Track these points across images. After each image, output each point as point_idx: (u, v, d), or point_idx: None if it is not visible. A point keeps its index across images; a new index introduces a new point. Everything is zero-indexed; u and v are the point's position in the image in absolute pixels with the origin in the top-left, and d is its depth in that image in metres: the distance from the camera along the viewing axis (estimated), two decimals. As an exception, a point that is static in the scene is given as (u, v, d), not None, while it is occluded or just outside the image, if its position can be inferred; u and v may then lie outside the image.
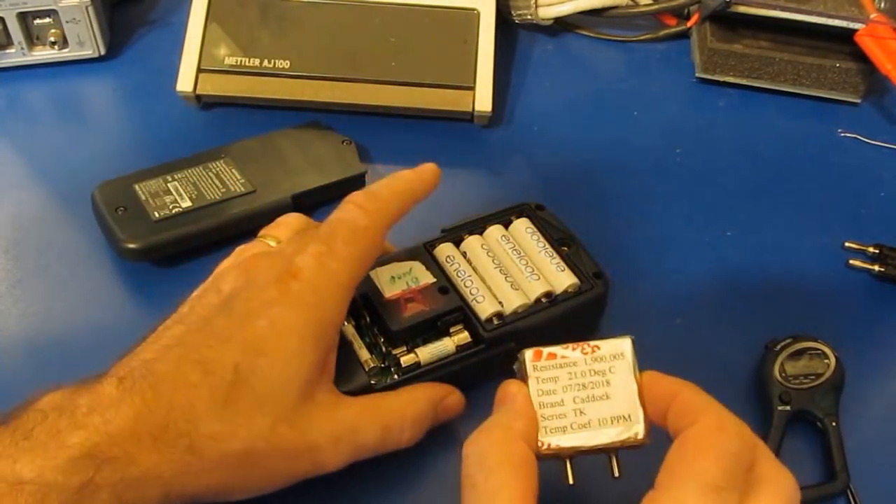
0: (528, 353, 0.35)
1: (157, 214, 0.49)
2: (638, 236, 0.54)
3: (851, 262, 0.53)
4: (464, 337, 0.42)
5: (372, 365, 0.41)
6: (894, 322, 0.51)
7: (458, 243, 0.46)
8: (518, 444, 0.32)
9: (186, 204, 0.50)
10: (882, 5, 0.61)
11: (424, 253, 0.45)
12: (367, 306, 0.43)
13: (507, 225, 0.47)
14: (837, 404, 0.45)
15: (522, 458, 0.32)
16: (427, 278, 0.43)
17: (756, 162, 0.60)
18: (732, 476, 0.30)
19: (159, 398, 0.33)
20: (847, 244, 0.54)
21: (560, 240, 0.46)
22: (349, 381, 0.40)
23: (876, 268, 0.52)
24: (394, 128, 0.59)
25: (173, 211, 0.50)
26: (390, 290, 0.42)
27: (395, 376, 0.41)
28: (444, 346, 0.42)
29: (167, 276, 0.50)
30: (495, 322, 0.42)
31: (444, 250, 0.45)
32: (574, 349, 0.35)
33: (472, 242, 0.45)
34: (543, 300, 0.43)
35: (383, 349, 0.42)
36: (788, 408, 0.44)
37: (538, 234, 0.46)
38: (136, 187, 0.51)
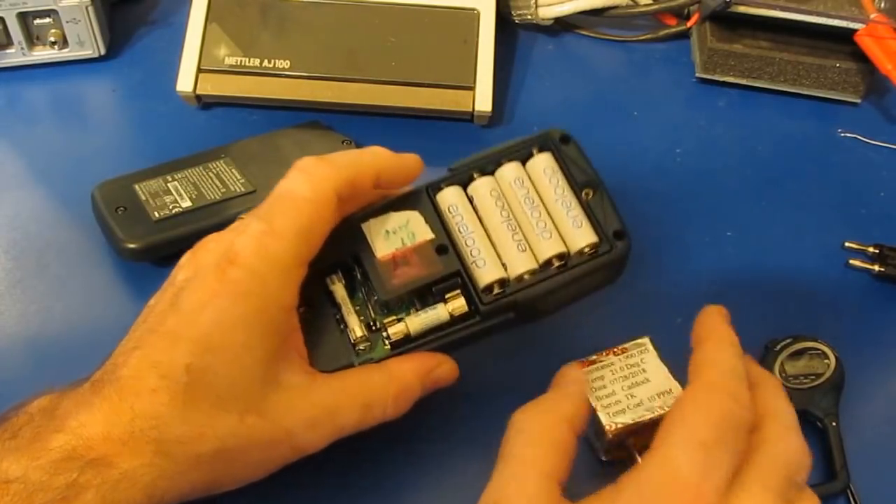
0: (573, 366, 0.41)
1: (157, 214, 0.49)
2: (638, 236, 0.54)
3: (851, 262, 0.53)
4: (460, 305, 0.39)
5: (359, 335, 0.39)
6: (894, 322, 0.51)
7: (466, 185, 0.41)
8: (561, 425, 0.34)
9: (186, 204, 0.50)
10: (882, 5, 0.61)
11: (426, 200, 0.40)
12: (358, 265, 0.40)
13: (525, 160, 0.42)
14: (837, 404, 0.45)
15: (562, 439, 0.33)
16: (425, 234, 0.39)
17: (756, 162, 0.60)
18: (723, 434, 0.30)
19: (123, 404, 0.32)
20: (847, 244, 0.54)
21: (583, 183, 0.41)
22: (334, 358, 0.38)
23: (876, 268, 0.52)
24: (394, 128, 0.59)
25: (173, 211, 0.50)
26: (382, 250, 0.39)
27: (386, 347, 0.39)
28: (438, 314, 0.39)
29: (167, 276, 0.50)
30: (495, 291, 0.39)
31: (448, 197, 0.41)
32: (607, 354, 0.42)
33: (480, 187, 0.41)
34: (554, 262, 0.39)
35: (372, 314, 0.39)
36: (788, 408, 0.44)
37: (559, 174, 0.41)
38: (136, 187, 0.51)
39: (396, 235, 0.39)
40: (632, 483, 0.31)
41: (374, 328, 0.39)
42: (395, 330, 0.38)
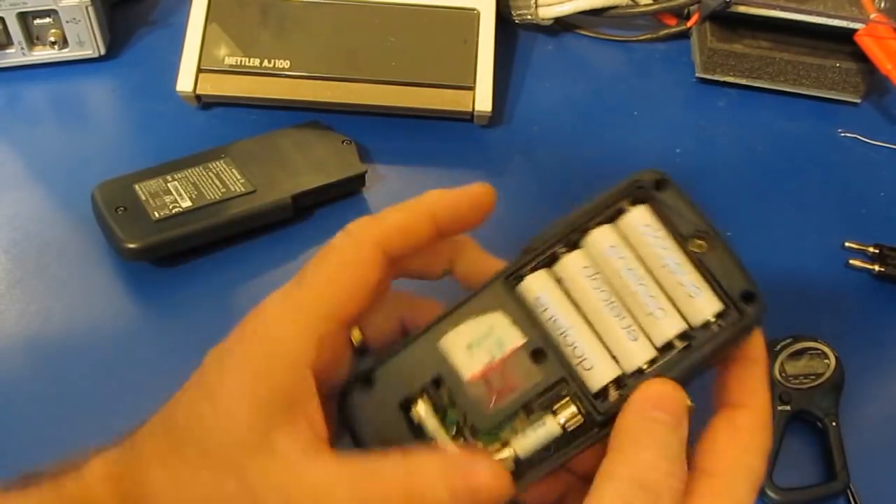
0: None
1: (157, 214, 0.49)
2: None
3: (851, 262, 0.53)
4: (572, 415, 0.31)
5: None
6: (894, 322, 0.51)
7: (550, 265, 0.34)
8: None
9: (186, 204, 0.50)
10: (882, 5, 0.61)
11: (506, 294, 0.33)
12: (440, 386, 0.33)
13: (615, 218, 0.34)
14: (837, 404, 0.45)
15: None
16: (515, 339, 0.32)
17: (756, 162, 0.60)
18: (762, 476, 0.31)
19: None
20: (847, 244, 0.54)
21: (691, 234, 0.33)
22: None
23: (876, 268, 0.52)
24: (394, 128, 0.59)
25: (173, 211, 0.50)
26: (469, 368, 0.32)
27: None
28: (548, 430, 0.31)
29: (167, 276, 0.50)
30: (611, 393, 0.31)
31: (533, 287, 0.33)
32: None
33: (570, 265, 0.33)
34: (675, 345, 0.32)
35: (471, 437, 0.32)
36: (788, 408, 0.44)
37: (661, 230, 0.33)
38: (136, 187, 0.51)
39: (481, 347, 0.33)
40: None
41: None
42: (504, 457, 0.31)
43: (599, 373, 0.31)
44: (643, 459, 0.29)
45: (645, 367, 0.31)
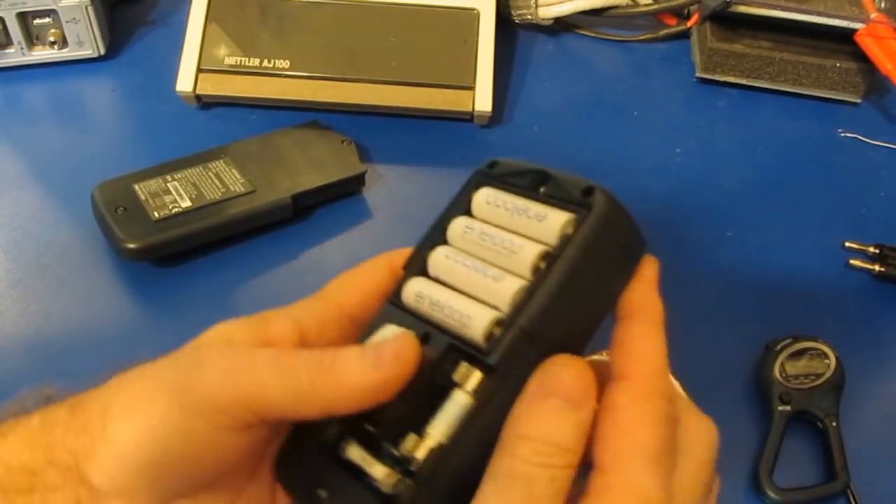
0: None
1: (156, 214, 0.49)
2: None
3: (851, 262, 0.53)
4: (475, 377, 0.30)
5: (390, 476, 0.30)
6: (894, 322, 0.51)
7: (424, 272, 0.35)
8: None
9: (186, 204, 0.50)
10: (882, 5, 0.61)
11: (391, 309, 0.34)
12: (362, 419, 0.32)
13: (469, 211, 0.36)
14: (837, 404, 0.45)
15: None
16: None
17: (756, 162, 0.60)
18: (667, 440, 0.29)
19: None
20: (847, 244, 0.54)
21: (530, 184, 0.34)
22: None
23: (876, 268, 0.52)
24: (394, 128, 0.59)
25: (173, 211, 0.50)
26: None
27: (422, 471, 0.30)
28: (457, 402, 0.30)
29: (167, 276, 0.50)
30: (497, 334, 0.30)
31: (410, 288, 0.34)
32: (607, 354, 0.36)
33: (437, 261, 0.35)
34: (542, 267, 0.31)
35: (392, 451, 0.31)
36: (788, 408, 0.44)
37: (502, 195, 0.34)
38: (136, 187, 0.51)
39: None
40: None
41: (403, 461, 0.31)
42: (422, 448, 0.30)
43: (477, 321, 0.31)
44: (520, 453, 0.28)
45: (519, 296, 0.30)
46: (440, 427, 0.30)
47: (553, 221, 0.32)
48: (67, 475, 0.31)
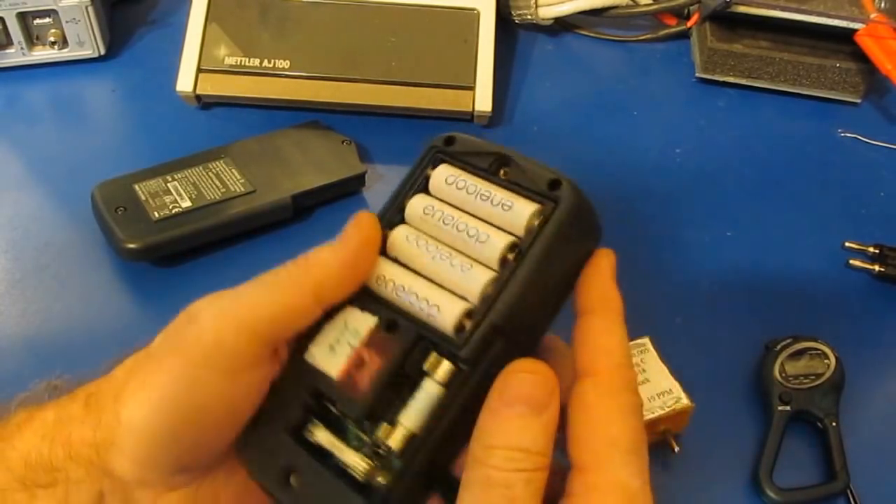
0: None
1: (156, 214, 0.49)
2: (637, 236, 0.54)
3: (851, 262, 0.53)
4: (445, 368, 0.31)
5: (365, 467, 0.31)
6: (894, 322, 0.51)
7: (383, 251, 0.34)
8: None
9: (186, 204, 0.50)
10: (882, 5, 0.61)
11: (357, 293, 0.34)
12: (326, 400, 0.33)
13: (425, 187, 0.35)
14: (837, 404, 0.45)
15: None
16: (367, 322, 0.32)
17: (756, 162, 0.60)
18: (639, 432, 0.30)
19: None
20: (847, 244, 0.54)
21: (493, 166, 0.34)
22: None
23: (876, 268, 0.52)
24: (394, 128, 0.59)
25: (173, 211, 0.50)
26: (335, 366, 0.32)
27: (397, 461, 0.31)
28: (428, 392, 0.31)
29: (167, 276, 0.50)
30: (468, 326, 0.31)
31: (372, 273, 0.34)
32: None
33: (396, 240, 0.34)
34: (509, 258, 0.32)
35: (368, 439, 0.32)
36: (788, 408, 0.44)
37: (463, 175, 0.34)
38: (136, 187, 0.51)
39: (341, 343, 0.33)
40: None
41: (374, 449, 0.32)
42: (396, 438, 0.30)
43: (447, 312, 0.31)
44: (493, 463, 0.29)
45: (490, 289, 0.31)
46: (412, 417, 0.30)
47: (520, 212, 0.32)
48: (91, 468, 0.32)
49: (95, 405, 0.33)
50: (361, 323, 0.32)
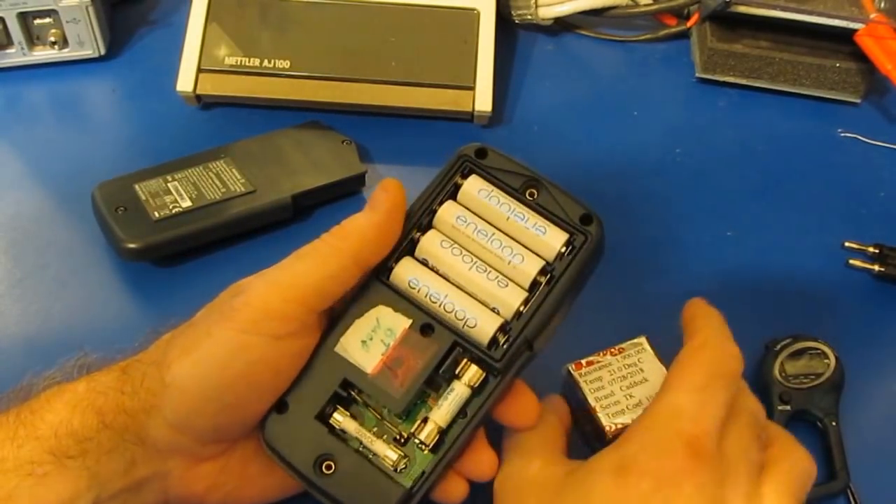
0: (571, 367, 0.42)
1: (157, 214, 0.49)
2: (638, 236, 0.54)
3: (851, 262, 0.53)
4: (475, 373, 0.35)
5: (394, 458, 0.35)
6: (894, 322, 0.51)
7: (412, 251, 0.37)
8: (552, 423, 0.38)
9: (186, 204, 0.50)
10: (882, 5, 0.61)
11: (382, 289, 0.36)
12: (352, 389, 0.36)
13: (454, 194, 0.38)
14: (837, 404, 0.45)
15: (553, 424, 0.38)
16: (401, 323, 0.35)
17: (756, 162, 0.60)
18: (714, 379, 0.34)
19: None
20: (847, 244, 0.54)
21: (523, 185, 0.38)
22: (384, 497, 0.34)
23: (876, 268, 0.52)
24: (394, 128, 0.59)
25: (173, 211, 0.50)
26: (369, 362, 0.35)
27: (426, 452, 0.35)
28: (458, 394, 0.35)
29: (167, 276, 0.50)
30: (501, 341, 0.35)
31: (402, 272, 0.36)
32: (604, 355, 0.42)
33: (428, 244, 0.37)
34: (540, 280, 0.36)
35: (394, 428, 0.35)
36: (788, 408, 0.44)
37: (496, 192, 0.37)
38: (136, 187, 0.51)
39: (374, 340, 0.35)
40: (640, 425, 0.34)
41: (402, 441, 0.35)
42: (427, 432, 0.34)
43: (484, 327, 0.35)
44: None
45: (521, 308, 0.36)
46: (443, 414, 0.34)
47: (553, 239, 0.36)
48: (124, 435, 0.33)
49: (134, 373, 0.34)
50: (395, 323, 0.35)
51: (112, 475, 0.32)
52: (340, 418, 0.35)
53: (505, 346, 0.35)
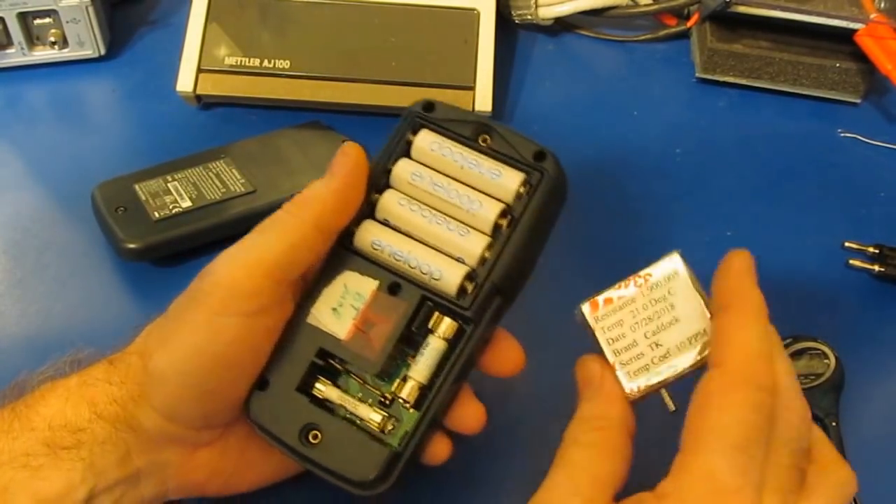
0: (586, 308, 0.35)
1: (157, 214, 0.49)
2: (638, 236, 0.54)
3: (851, 262, 0.53)
4: (449, 325, 0.35)
5: (379, 420, 0.35)
6: (894, 322, 0.51)
7: (372, 214, 0.37)
8: (620, 433, 0.33)
9: (186, 204, 0.50)
10: (882, 5, 0.61)
11: (345, 255, 0.36)
12: (329, 357, 0.36)
13: (408, 152, 0.38)
14: (837, 404, 0.45)
15: (618, 446, 0.32)
16: (368, 286, 0.35)
17: (756, 162, 0.60)
18: (755, 431, 0.30)
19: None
20: (847, 244, 0.54)
21: (474, 133, 0.37)
22: (374, 458, 0.34)
23: (876, 268, 0.52)
24: (393, 128, 0.59)
25: (173, 211, 0.50)
26: (343, 328, 0.35)
27: (410, 410, 0.35)
28: (435, 348, 0.35)
29: (167, 276, 0.50)
30: (470, 289, 0.35)
31: (364, 235, 0.36)
32: (626, 286, 0.35)
33: (386, 205, 0.36)
34: (502, 224, 0.35)
35: (376, 391, 0.35)
36: (788, 408, 0.44)
37: (447, 143, 0.37)
38: (136, 187, 0.51)
39: (344, 306, 0.35)
40: (674, 493, 0.30)
41: (388, 403, 0.35)
42: (408, 390, 0.34)
43: (449, 277, 0.35)
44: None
45: (486, 253, 0.35)
46: (422, 370, 0.34)
47: (509, 181, 0.35)
48: (117, 424, 0.33)
49: (120, 365, 0.34)
50: (363, 286, 0.35)
51: (107, 466, 0.32)
52: (322, 388, 0.35)
53: (473, 294, 0.34)
